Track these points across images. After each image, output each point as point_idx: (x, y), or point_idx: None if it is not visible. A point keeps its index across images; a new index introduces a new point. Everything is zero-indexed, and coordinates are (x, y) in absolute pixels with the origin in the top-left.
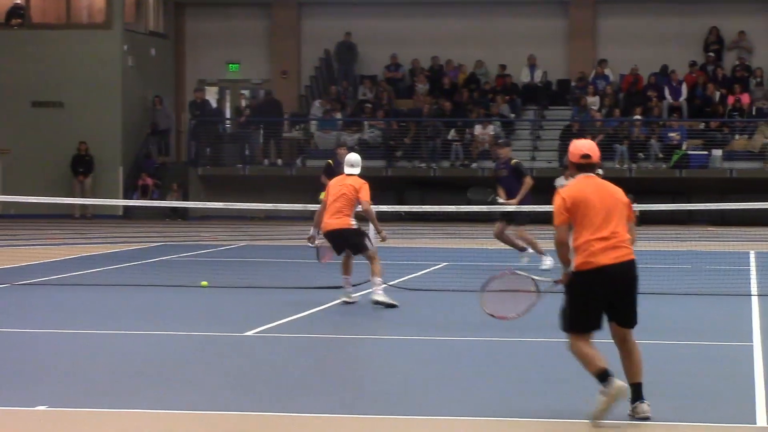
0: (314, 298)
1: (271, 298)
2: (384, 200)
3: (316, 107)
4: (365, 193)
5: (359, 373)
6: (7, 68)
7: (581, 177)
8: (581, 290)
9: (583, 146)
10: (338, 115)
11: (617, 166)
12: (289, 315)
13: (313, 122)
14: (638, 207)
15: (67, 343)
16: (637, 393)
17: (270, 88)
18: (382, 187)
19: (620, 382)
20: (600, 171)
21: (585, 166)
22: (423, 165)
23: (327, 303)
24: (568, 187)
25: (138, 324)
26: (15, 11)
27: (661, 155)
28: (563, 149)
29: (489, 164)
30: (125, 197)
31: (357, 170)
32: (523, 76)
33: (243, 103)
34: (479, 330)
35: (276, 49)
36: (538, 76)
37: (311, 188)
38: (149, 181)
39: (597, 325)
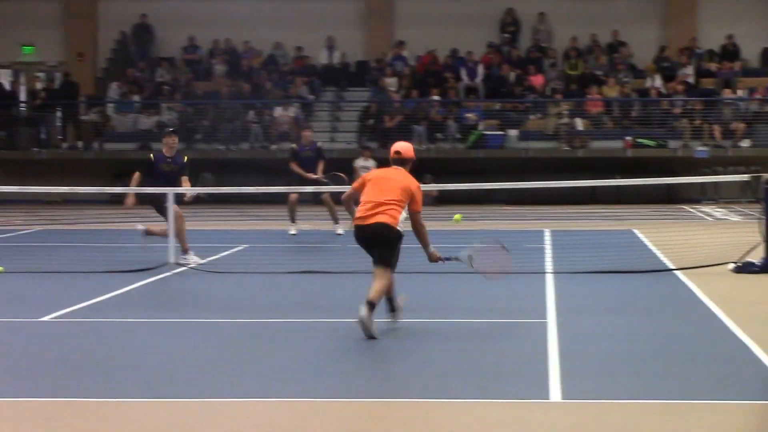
0: (112, 283)
1: (68, 282)
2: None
3: (113, 90)
4: None
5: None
6: None
7: (390, 167)
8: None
9: (398, 145)
10: (136, 98)
11: (416, 146)
12: (86, 299)
13: (110, 105)
14: (437, 187)
15: None
16: (368, 305)
17: (66, 71)
18: None
19: (361, 312)
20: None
21: (395, 160)
22: (222, 147)
23: (125, 287)
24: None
25: None
26: None
27: (458, 135)
28: (362, 130)
29: (288, 146)
30: None
31: None
32: (322, 58)
33: (39, 85)
34: (283, 311)
35: (71, 31)
36: (336, 57)
37: (110, 171)
38: None
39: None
